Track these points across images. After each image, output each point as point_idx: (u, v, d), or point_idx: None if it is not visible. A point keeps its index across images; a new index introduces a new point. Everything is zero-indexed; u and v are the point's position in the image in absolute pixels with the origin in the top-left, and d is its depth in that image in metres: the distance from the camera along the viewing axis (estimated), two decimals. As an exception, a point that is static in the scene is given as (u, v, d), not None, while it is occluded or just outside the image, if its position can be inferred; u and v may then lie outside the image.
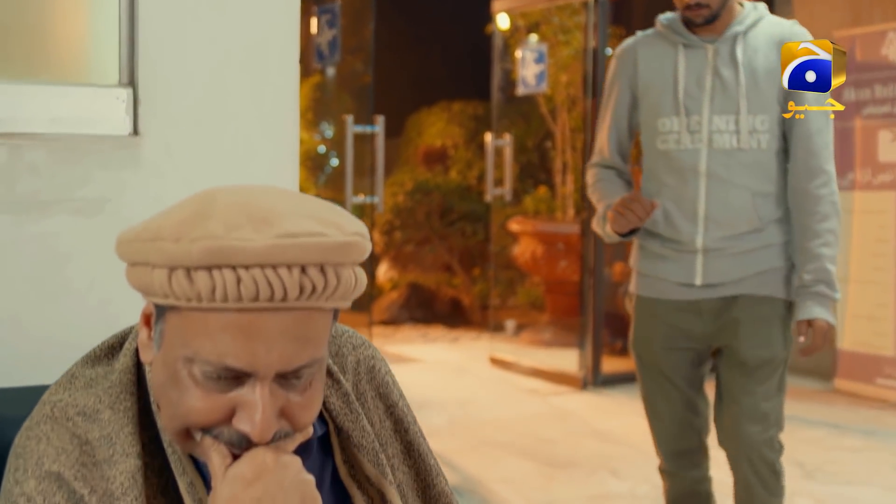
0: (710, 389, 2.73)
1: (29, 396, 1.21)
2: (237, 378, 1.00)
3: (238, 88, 1.75)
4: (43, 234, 1.64)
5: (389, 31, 8.60)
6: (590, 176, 2.78)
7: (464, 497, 3.94)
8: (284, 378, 1.01)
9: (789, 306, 2.61)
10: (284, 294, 0.96)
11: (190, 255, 0.95)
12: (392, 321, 7.98)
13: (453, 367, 6.58)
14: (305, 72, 7.53)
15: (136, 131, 1.71)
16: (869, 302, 5.55)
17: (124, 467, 1.03)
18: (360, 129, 4.24)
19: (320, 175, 7.07)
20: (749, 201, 2.54)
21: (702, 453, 2.72)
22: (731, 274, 2.57)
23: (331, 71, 7.72)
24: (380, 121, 4.15)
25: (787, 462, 2.62)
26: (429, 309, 8.19)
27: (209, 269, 0.95)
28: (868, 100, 5.62)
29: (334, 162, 6.90)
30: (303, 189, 5.32)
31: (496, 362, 6.55)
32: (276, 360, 0.98)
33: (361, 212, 6.90)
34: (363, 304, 6.76)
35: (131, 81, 1.71)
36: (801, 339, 2.55)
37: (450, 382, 6.13)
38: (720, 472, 2.85)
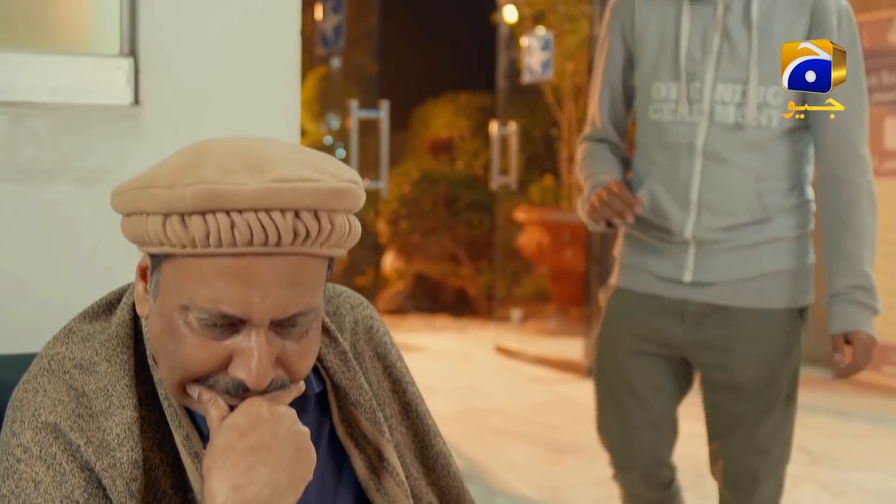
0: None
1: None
2: (233, 325, 1.00)
3: (239, 58, 1.75)
4: (45, 203, 1.65)
5: (396, 24, 8.59)
6: (580, 151, 2.38)
7: (470, 482, 3.92)
8: (280, 326, 1.01)
9: (800, 314, 2.21)
10: (278, 238, 0.96)
11: (184, 200, 0.95)
12: (398, 311, 7.99)
13: (459, 355, 6.58)
14: (311, 61, 7.53)
15: (137, 101, 1.71)
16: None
17: (120, 419, 1.03)
18: (364, 113, 4.24)
19: (326, 166, 7.08)
20: (752, 187, 2.14)
21: (660, 474, 2.34)
22: (727, 272, 2.17)
23: (336, 62, 7.72)
24: (384, 105, 4.14)
25: (794, 448, 2.32)
26: (435, 299, 8.20)
27: (203, 213, 0.96)
28: (875, 86, 5.59)
29: (340, 153, 6.90)
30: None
31: (502, 351, 6.56)
32: (271, 307, 0.98)
33: (367, 198, 6.90)
34: (369, 294, 6.77)
35: (132, 51, 1.71)
36: (838, 356, 2.12)
37: (456, 370, 6.14)
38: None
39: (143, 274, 1.06)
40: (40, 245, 1.64)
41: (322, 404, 1.18)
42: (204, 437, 1.07)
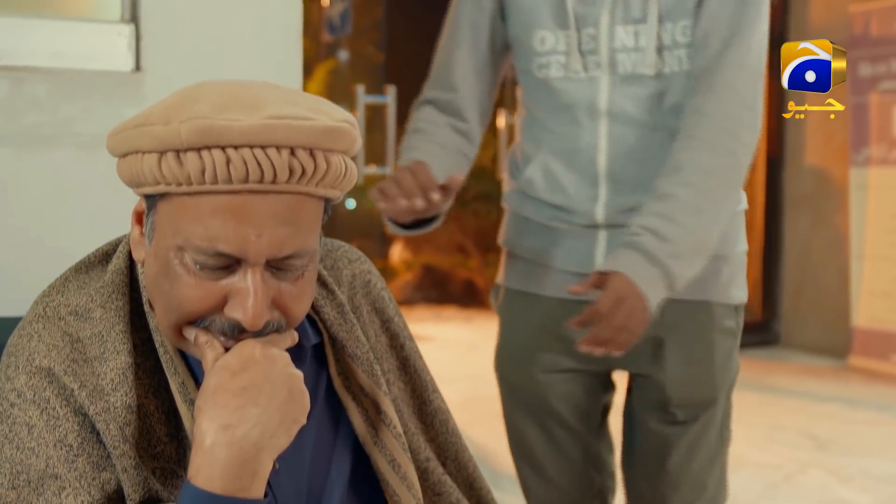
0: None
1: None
2: (228, 267, 0.99)
3: (240, 24, 1.76)
4: (46, 167, 1.65)
5: (404, 16, 8.59)
6: (411, 121, 1.87)
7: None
8: (276, 268, 1.01)
9: (735, 312, 1.78)
10: (274, 175, 0.96)
11: (179, 136, 0.95)
12: (406, 301, 8.01)
13: (466, 345, 6.59)
14: (318, 50, 7.54)
15: (138, 67, 1.71)
16: (884, 278, 5.52)
17: (115, 364, 1.03)
18: (371, 98, 4.24)
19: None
20: None
21: None
22: None
23: (344, 55, 7.71)
24: (391, 91, 4.14)
25: (801, 434, 1.98)
26: (443, 290, 8.21)
27: (198, 149, 0.95)
28: (884, 74, 5.57)
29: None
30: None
31: (509, 341, 6.56)
32: (266, 245, 0.98)
33: (374, 184, 6.90)
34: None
35: (133, 17, 1.71)
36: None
37: (463, 359, 6.13)
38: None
39: (138, 218, 1.06)
40: (41, 210, 1.64)
41: (319, 357, 1.18)
42: (200, 385, 1.07)
